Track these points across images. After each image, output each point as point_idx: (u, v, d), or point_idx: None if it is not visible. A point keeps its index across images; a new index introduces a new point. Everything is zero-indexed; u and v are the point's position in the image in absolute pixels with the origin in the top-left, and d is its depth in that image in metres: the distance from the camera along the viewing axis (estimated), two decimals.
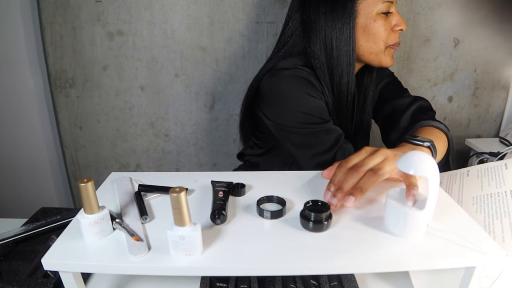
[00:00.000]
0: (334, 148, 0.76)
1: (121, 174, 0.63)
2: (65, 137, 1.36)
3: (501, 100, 1.32)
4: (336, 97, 0.80)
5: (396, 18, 0.77)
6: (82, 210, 0.45)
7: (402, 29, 0.78)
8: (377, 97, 0.94)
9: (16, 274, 0.57)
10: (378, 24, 0.75)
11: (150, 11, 1.18)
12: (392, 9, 0.76)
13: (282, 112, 0.78)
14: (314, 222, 0.46)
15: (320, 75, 0.78)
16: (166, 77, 1.27)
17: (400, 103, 0.87)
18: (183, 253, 0.41)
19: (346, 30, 0.75)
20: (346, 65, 0.77)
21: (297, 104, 0.76)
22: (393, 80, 0.95)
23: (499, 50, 1.24)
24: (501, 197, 0.61)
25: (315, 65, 0.78)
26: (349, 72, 0.78)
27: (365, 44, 0.78)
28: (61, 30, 1.20)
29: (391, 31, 0.78)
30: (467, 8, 1.18)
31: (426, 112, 0.83)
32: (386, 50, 0.79)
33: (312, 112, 0.76)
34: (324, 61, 0.77)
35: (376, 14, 0.75)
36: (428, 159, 0.41)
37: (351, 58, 0.77)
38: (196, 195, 0.56)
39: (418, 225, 0.43)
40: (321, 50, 0.77)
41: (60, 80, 1.27)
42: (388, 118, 0.89)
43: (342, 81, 0.78)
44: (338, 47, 0.76)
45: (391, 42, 0.78)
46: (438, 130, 0.73)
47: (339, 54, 0.76)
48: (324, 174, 0.60)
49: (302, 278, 0.53)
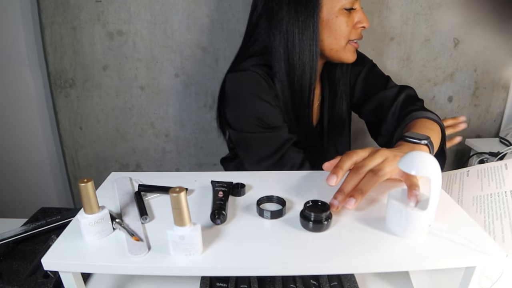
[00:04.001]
0: (279, 152, 0.76)
1: (121, 174, 0.63)
2: (65, 137, 1.36)
3: (501, 100, 1.32)
4: (296, 93, 0.78)
5: (359, 15, 0.76)
6: (82, 210, 0.45)
7: (365, 27, 0.77)
8: (360, 90, 0.92)
9: (16, 274, 0.57)
10: (340, 20, 0.74)
11: (150, 11, 1.18)
12: (356, 6, 0.75)
13: (233, 114, 0.80)
14: (314, 222, 0.45)
15: (278, 71, 0.77)
16: (166, 77, 1.27)
17: (386, 95, 0.85)
18: (183, 253, 0.41)
19: (310, 24, 0.73)
20: (309, 60, 0.75)
21: (246, 108, 0.77)
22: (373, 70, 0.92)
23: (499, 50, 1.24)
24: (501, 197, 0.61)
25: (274, 59, 0.76)
26: (311, 67, 0.76)
27: (326, 39, 0.76)
28: (61, 30, 1.20)
29: (353, 28, 0.76)
30: (467, 8, 1.18)
31: (414, 102, 0.82)
32: (346, 46, 0.78)
33: (261, 116, 0.77)
34: (283, 54, 0.75)
35: (339, 10, 0.73)
36: (430, 159, 0.41)
37: (314, 54, 0.75)
38: (196, 195, 0.56)
39: (420, 226, 0.43)
40: (281, 42, 0.75)
41: (60, 80, 1.27)
42: (375, 111, 0.88)
43: (304, 76, 0.76)
44: (300, 41, 0.74)
45: (352, 37, 0.77)
46: (431, 121, 0.73)
47: (301, 49, 0.74)
48: (325, 166, 0.57)
49: (302, 278, 0.53)
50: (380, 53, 1.24)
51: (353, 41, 0.78)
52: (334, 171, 0.52)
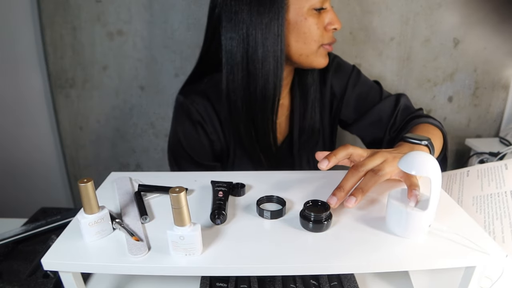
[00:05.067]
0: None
1: (121, 174, 0.63)
2: (65, 137, 1.36)
3: (501, 100, 1.32)
4: (257, 106, 0.70)
5: (330, 16, 0.68)
6: (82, 210, 0.45)
7: (336, 28, 0.69)
8: (352, 109, 0.83)
9: (16, 274, 0.57)
10: (310, 23, 0.66)
11: (150, 11, 1.18)
12: (326, 5, 0.67)
13: (170, 134, 0.80)
14: (314, 222, 0.45)
15: (231, 80, 0.68)
16: (166, 77, 1.27)
17: (384, 107, 0.79)
18: (183, 253, 0.41)
19: (274, 26, 0.64)
20: (274, 68, 0.66)
21: (179, 140, 0.76)
22: (359, 79, 0.83)
23: (499, 50, 1.24)
24: (501, 197, 0.61)
25: (227, 67, 0.67)
26: (276, 76, 0.67)
27: (294, 44, 0.68)
28: (61, 30, 1.20)
29: (324, 31, 0.69)
30: (467, 8, 1.18)
31: (413, 110, 0.79)
32: (318, 50, 0.70)
33: (190, 153, 0.76)
34: (242, 62, 0.66)
35: (307, 11, 0.66)
36: (430, 159, 0.41)
37: (279, 60, 0.66)
38: (196, 195, 0.56)
39: (420, 226, 0.43)
40: (239, 47, 0.66)
41: (60, 80, 1.27)
42: (372, 126, 0.81)
43: (268, 87, 0.68)
44: (264, 46, 0.65)
45: (325, 41, 0.70)
46: (433, 126, 0.71)
47: (265, 55, 0.65)
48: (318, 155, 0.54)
49: (302, 278, 0.53)
50: (380, 53, 1.24)
51: (327, 44, 0.71)
52: (328, 157, 0.52)
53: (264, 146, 0.76)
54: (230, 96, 0.70)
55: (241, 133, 0.74)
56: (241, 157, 0.80)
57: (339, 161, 0.53)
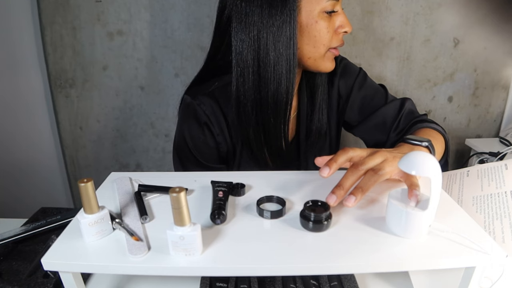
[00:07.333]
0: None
1: (121, 174, 0.63)
2: (65, 137, 1.36)
3: (501, 100, 1.32)
4: (270, 109, 0.69)
5: (340, 19, 0.67)
6: (82, 210, 0.45)
7: (347, 31, 0.68)
8: (356, 110, 0.83)
9: (16, 274, 0.57)
10: (321, 26, 0.65)
11: (150, 11, 1.18)
12: (337, 8, 0.66)
13: (175, 134, 0.79)
14: (314, 222, 0.45)
15: (242, 84, 0.67)
16: (166, 77, 1.27)
17: (388, 111, 0.79)
18: (182, 253, 0.41)
19: (286, 29, 0.63)
20: (286, 72, 0.65)
21: (184, 141, 0.75)
22: (365, 82, 0.83)
23: (499, 50, 1.24)
24: (501, 197, 0.61)
25: (238, 70, 0.66)
26: (289, 79, 0.66)
27: (305, 47, 0.67)
28: (61, 30, 1.20)
29: (334, 33, 0.68)
30: (467, 8, 1.18)
31: (417, 114, 0.79)
32: (326, 54, 0.69)
33: (196, 155, 0.75)
34: (253, 65, 0.65)
35: (318, 13, 0.65)
36: (431, 159, 0.41)
37: (291, 63, 0.65)
38: (196, 195, 0.56)
39: (420, 226, 0.43)
40: (249, 50, 0.64)
41: (60, 80, 1.27)
42: (376, 129, 0.81)
43: (280, 90, 0.67)
44: (276, 49, 0.64)
45: (334, 44, 0.69)
46: (436, 131, 0.72)
47: (277, 59, 0.64)
48: (318, 160, 0.55)
49: (302, 278, 0.53)
50: (380, 53, 1.24)
51: (334, 48, 0.70)
52: (328, 163, 0.52)
53: (273, 149, 0.75)
54: (239, 99, 0.69)
55: (249, 136, 0.73)
56: (247, 159, 0.80)
57: (340, 166, 0.53)
